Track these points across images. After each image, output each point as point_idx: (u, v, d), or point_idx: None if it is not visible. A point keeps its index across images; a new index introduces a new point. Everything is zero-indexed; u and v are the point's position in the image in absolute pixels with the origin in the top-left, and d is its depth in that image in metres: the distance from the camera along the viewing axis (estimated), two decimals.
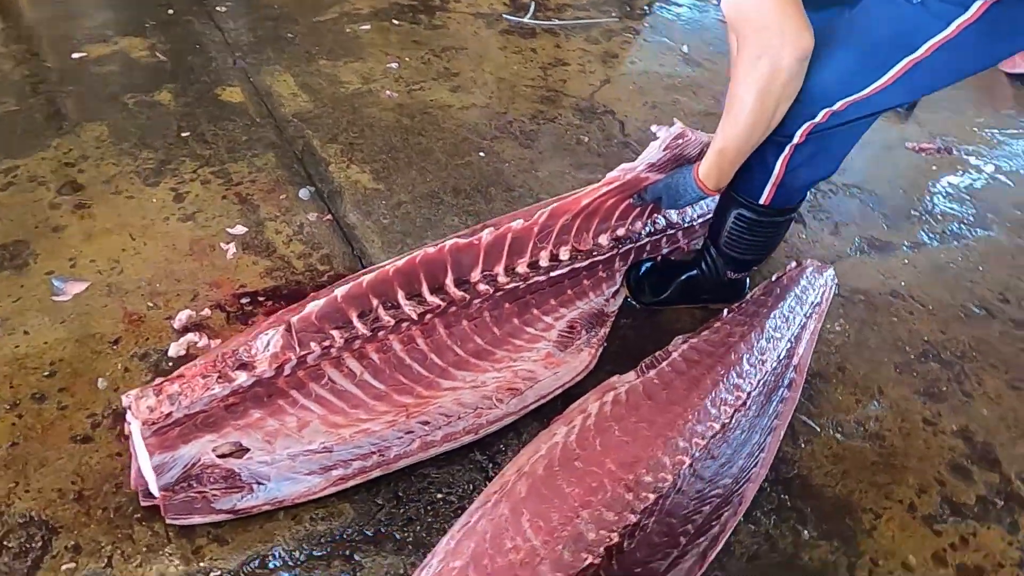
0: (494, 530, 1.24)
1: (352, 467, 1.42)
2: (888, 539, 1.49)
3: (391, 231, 2.01)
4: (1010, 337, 1.98)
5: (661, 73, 2.89)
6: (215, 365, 1.32)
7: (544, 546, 1.18)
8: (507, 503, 1.29)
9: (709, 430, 1.37)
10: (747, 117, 1.42)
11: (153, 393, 1.27)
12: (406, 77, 2.64)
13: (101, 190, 2.03)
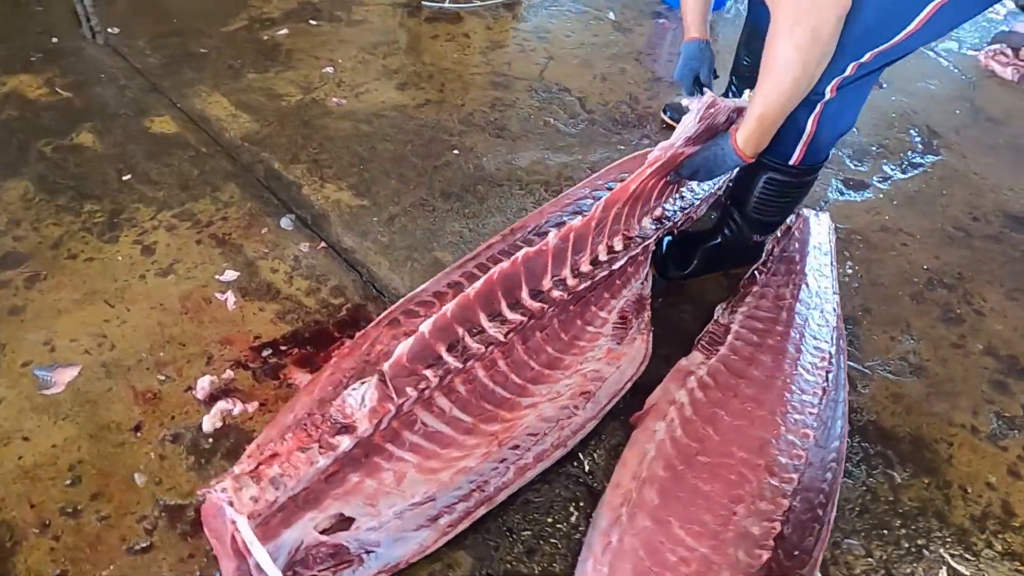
0: (647, 546, 1.18)
1: (457, 511, 1.32)
2: (966, 464, 1.56)
3: (394, 248, 1.87)
4: (991, 252, 2.12)
5: (598, 44, 2.85)
6: (310, 434, 1.17)
7: (715, 552, 1.13)
8: (644, 515, 1.24)
9: (815, 396, 1.37)
10: (790, 80, 1.40)
11: (252, 480, 1.11)
12: (347, 80, 2.46)
13: (51, 256, 1.76)
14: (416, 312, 1.47)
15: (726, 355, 1.51)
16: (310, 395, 1.34)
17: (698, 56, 1.91)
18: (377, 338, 1.42)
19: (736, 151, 1.53)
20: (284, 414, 1.33)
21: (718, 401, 1.40)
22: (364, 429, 1.19)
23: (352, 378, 1.35)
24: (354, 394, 1.21)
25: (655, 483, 1.29)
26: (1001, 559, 1.40)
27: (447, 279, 1.56)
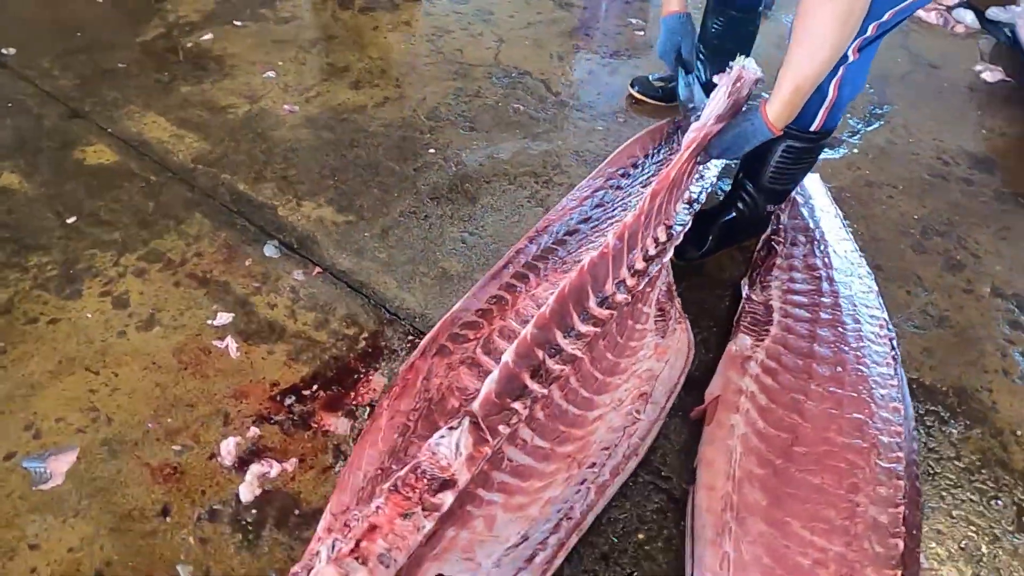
0: (772, 553, 1.12)
1: (550, 546, 1.21)
2: (1008, 408, 1.59)
3: (396, 264, 1.72)
4: (968, 195, 2.18)
5: (544, 22, 2.74)
6: (407, 496, 1.03)
7: (850, 549, 1.09)
8: (756, 518, 1.18)
9: (888, 367, 1.35)
10: (828, 50, 1.36)
11: (358, 562, 0.97)
12: (293, 84, 2.25)
13: (5, 324, 1.51)
14: (465, 336, 1.34)
15: (781, 336, 1.47)
16: (375, 447, 1.19)
17: (680, 30, 1.86)
18: (430, 371, 1.29)
19: (768, 125, 1.48)
20: (350, 473, 1.18)
21: (793, 386, 1.35)
22: (464, 480, 1.07)
23: (418, 421, 1.21)
24: (445, 442, 1.08)
25: (755, 482, 1.23)
26: None
27: (484, 293, 1.43)
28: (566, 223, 1.58)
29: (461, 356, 1.30)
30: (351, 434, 1.39)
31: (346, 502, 1.14)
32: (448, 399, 1.23)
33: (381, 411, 1.27)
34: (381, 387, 1.48)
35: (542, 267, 1.46)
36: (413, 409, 1.24)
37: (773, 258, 1.73)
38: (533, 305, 1.35)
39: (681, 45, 1.87)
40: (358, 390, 1.47)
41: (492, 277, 1.47)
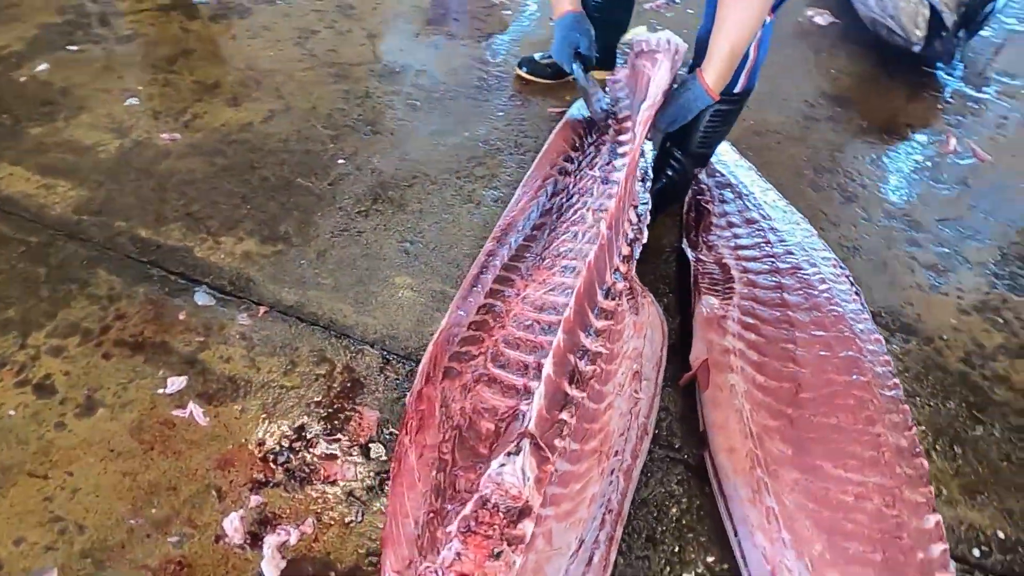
0: (815, 497, 1.18)
1: (601, 544, 1.21)
2: (931, 317, 1.76)
3: (345, 288, 1.61)
4: (840, 131, 2.38)
5: (409, 11, 2.63)
6: (487, 535, 0.98)
7: (885, 477, 1.17)
8: (787, 468, 1.23)
9: (856, 303, 1.45)
10: (758, 14, 1.43)
11: None
12: (163, 109, 2.01)
13: None
14: (468, 353, 1.28)
15: (748, 291, 1.54)
16: (413, 489, 1.12)
17: (576, 28, 1.86)
18: (445, 397, 1.22)
19: (708, 92, 1.53)
20: (396, 523, 1.10)
21: (779, 336, 1.42)
22: (537, 504, 1.03)
23: (453, 452, 1.15)
24: (508, 469, 1.03)
25: (774, 434, 1.29)
26: (1000, 383, 1.63)
27: (470, 304, 1.37)
28: (528, 218, 1.55)
29: (473, 375, 1.25)
30: (362, 478, 1.30)
31: (406, 555, 1.07)
32: (478, 423, 1.18)
33: (404, 450, 1.19)
34: (375, 421, 1.39)
35: (522, 267, 1.43)
36: (442, 441, 1.17)
37: (708, 217, 1.80)
38: (530, 308, 1.32)
39: (579, 44, 1.86)
40: (353, 430, 1.37)
41: (472, 286, 1.42)
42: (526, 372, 1.22)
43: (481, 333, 1.31)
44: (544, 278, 1.37)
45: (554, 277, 1.35)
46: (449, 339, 1.31)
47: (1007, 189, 2.26)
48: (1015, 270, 1.95)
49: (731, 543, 1.27)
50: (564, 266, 1.36)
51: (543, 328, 1.28)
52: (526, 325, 1.30)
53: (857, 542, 1.13)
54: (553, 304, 1.30)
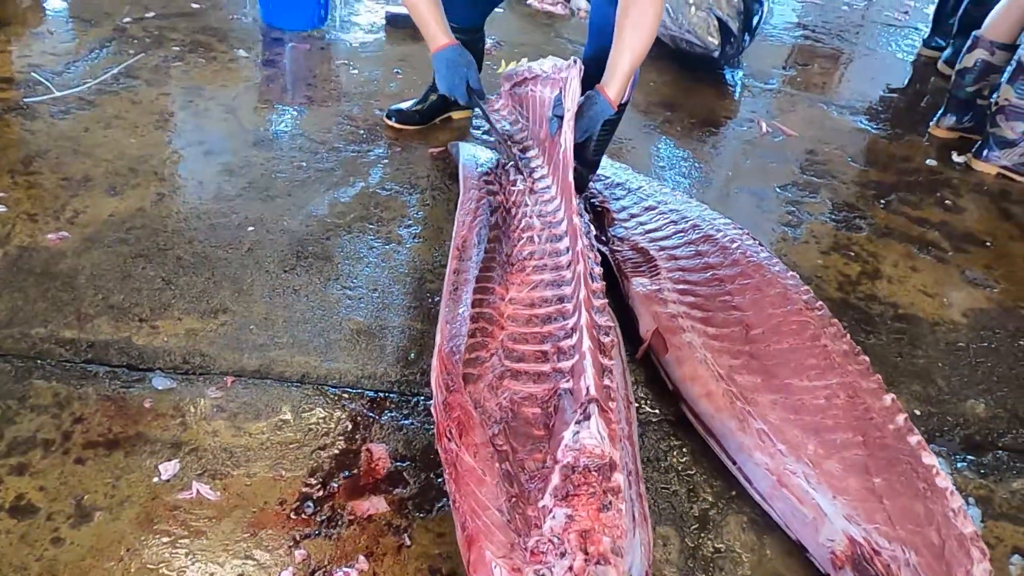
0: (795, 408, 1.39)
1: (634, 500, 1.30)
2: (804, 262, 2.10)
3: (302, 341, 1.61)
4: (677, 131, 2.72)
5: (254, 82, 2.64)
6: (591, 492, 1.05)
7: (841, 376, 1.40)
8: (762, 393, 1.43)
9: (765, 252, 1.71)
10: (653, 32, 1.68)
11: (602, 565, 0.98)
12: (37, 211, 1.86)
13: None
14: (479, 357, 1.35)
15: (673, 264, 1.75)
16: (483, 484, 1.15)
17: (461, 61, 1.94)
18: (476, 400, 1.28)
19: (610, 104, 1.74)
20: (476, 517, 1.12)
21: (715, 292, 1.63)
22: (617, 457, 1.12)
23: (510, 442, 1.21)
24: (584, 434, 1.11)
25: (741, 370, 1.48)
26: (871, 301, 1.97)
27: (459, 318, 1.43)
28: (480, 234, 1.64)
29: (494, 374, 1.31)
30: (396, 506, 1.32)
31: (504, 540, 1.10)
32: (522, 411, 1.25)
33: (455, 455, 1.22)
34: (386, 453, 1.41)
35: (494, 276, 1.52)
36: (493, 436, 1.22)
37: (608, 215, 2.01)
38: (521, 307, 1.42)
39: (468, 77, 1.94)
40: (367, 467, 1.38)
41: (453, 302, 1.48)
42: (546, 359, 1.32)
43: (484, 339, 1.39)
44: (521, 280, 1.48)
45: (530, 277, 1.46)
46: (453, 351, 1.37)
47: (817, 152, 2.71)
48: (847, 214, 2.36)
49: (732, 471, 1.44)
50: (535, 265, 1.49)
51: (543, 319, 1.38)
52: (524, 321, 1.41)
53: (840, 432, 1.34)
54: (542, 299, 1.42)
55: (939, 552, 1.19)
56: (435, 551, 1.26)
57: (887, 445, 1.31)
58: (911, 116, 3.16)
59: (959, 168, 2.76)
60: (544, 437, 1.22)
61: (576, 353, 1.29)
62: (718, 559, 1.32)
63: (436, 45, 1.92)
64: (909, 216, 2.41)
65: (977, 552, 1.19)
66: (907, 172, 2.70)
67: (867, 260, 2.16)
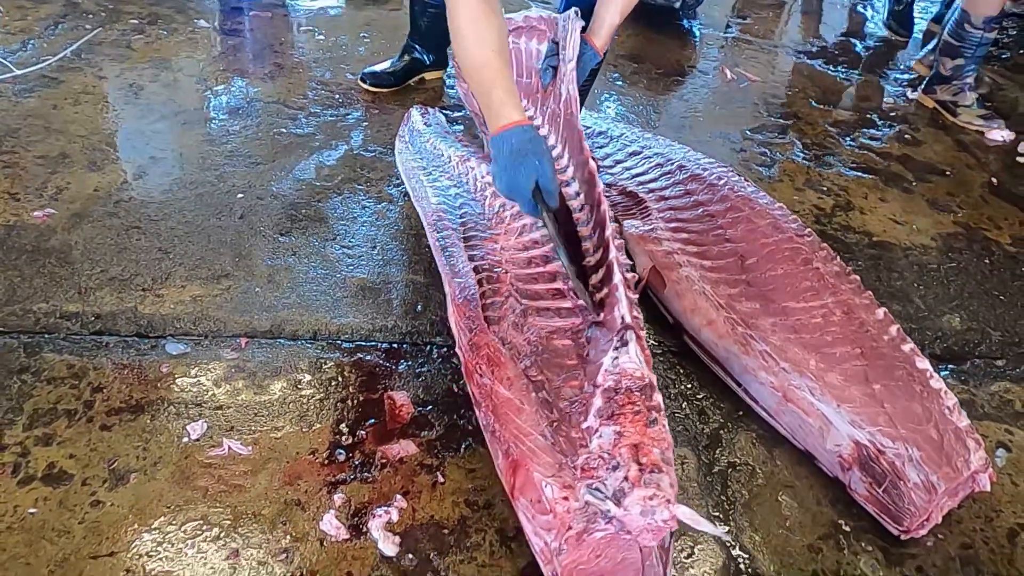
0: (794, 328, 1.46)
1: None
2: (784, 197, 2.18)
3: (311, 300, 1.62)
4: (642, 78, 2.77)
5: (213, 55, 2.59)
6: (635, 411, 1.11)
7: (836, 296, 1.48)
8: (762, 318, 1.50)
9: (752, 186, 1.77)
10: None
11: (656, 473, 1.04)
12: (18, 190, 1.81)
13: None
14: (496, 302, 1.39)
15: (663, 204, 1.80)
16: (521, 412, 1.19)
17: (531, 148, 1.34)
18: (502, 338, 1.32)
19: (597, 52, 1.78)
20: (519, 443, 1.17)
21: (707, 227, 1.69)
22: (654, 378, 1.18)
23: (543, 372, 1.26)
24: (624, 359, 1.17)
25: (740, 298, 1.55)
26: (846, 231, 2.06)
27: (463, 271, 1.47)
28: (459, 197, 1.70)
29: (515, 314, 1.35)
30: (425, 447, 1.36)
31: (552, 462, 1.15)
32: (552, 344, 1.31)
33: (489, 389, 1.26)
34: (408, 399, 1.45)
35: (478, 233, 1.58)
36: (527, 368, 1.27)
37: (594, 162, 2.05)
38: (517, 251, 1.50)
39: (539, 173, 1.34)
40: (392, 414, 1.42)
41: (449, 260, 1.51)
42: (563, 296, 1.36)
43: (494, 285, 1.43)
44: (505, 229, 1.54)
45: (512, 224, 1.52)
46: (468, 299, 1.41)
47: (781, 96, 2.80)
48: (816, 152, 2.45)
49: (738, 392, 1.52)
50: (512, 213, 1.55)
51: (543, 259, 1.44)
52: (525, 263, 1.45)
53: (839, 346, 1.43)
54: (533, 241, 1.48)
55: (938, 445, 1.28)
56: (468, 485, 1.31)
57: (883, 354, 1.40)
58: (868, 58, 3.27)
59: (914, 105, 2.88)
60: (577, 366, 1.27)
61: (606, 287, 1.34)
62: (733, 473, 1.40)
63: (497, 125, 1.38)
64: (873, 151, 2.51)
65: (973, 442, 1.29)
66: (867, 110, 2.80)
67: (839, 194, 2.25)
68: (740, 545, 1.27)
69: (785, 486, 1.38)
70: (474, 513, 1.27)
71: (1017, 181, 2.46)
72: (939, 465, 1.26)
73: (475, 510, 1.28)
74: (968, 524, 1.35)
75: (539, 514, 1.15)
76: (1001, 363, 1.73)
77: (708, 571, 1.24)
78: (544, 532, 1.13)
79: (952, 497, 1.31)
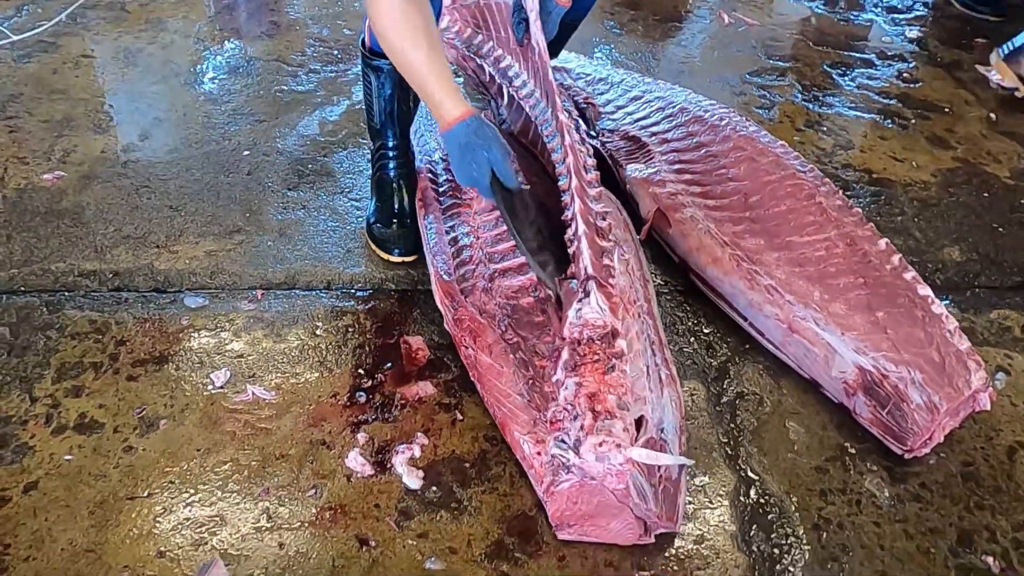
0: (798, 261, 1.50)
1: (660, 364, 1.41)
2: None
3: (323, 251, 1.65)
4: (639, 25, 2.76)
5: (206, 14, 2.58)
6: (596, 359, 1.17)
7: (840, 229, 1.51)
8: (767, 253, 1.53)
9: (753, 126, 1.80)
10: None
11: (608, 419, 1.09)
12: (26, 154, 1.82)
13: None
14: (468, 271, 1.46)
15: (665, 148, 1.81)
16: (501, 376, 1.29)
17: (479, 141, 1.37)
18: (479, 308, 1.38)
19: (564, 5, 1.76)
20: (504, 405, 1.26)
21: (710, 167, 1.71)
22: (620, 326, 1.22)
23: (517, 334, 1.31)
24: (586, 309, 1.20)
25: (744, 235, 1.58)
26: (846, 169, 2.09)
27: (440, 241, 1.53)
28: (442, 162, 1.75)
29: (485, 279, 1.42)
30: (442, 387, 1.41)
31: (527, 419, 1.22)
32: (520, 303, 1.38)
33: (473, 358, 1.34)
34: (423, 343, 1.48)
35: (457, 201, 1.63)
36: (502, 334, 1.33)
37: (594, 110, 2.06)
38: (485, 214, 1.56)
39: (492, 162, 1.37)
40: (410, 356, 1.46)
41: (430, 230, 1.58)
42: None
43: (467, 252, 1.49)
44: (473, 194, 1.59)
45: None
46: (445, 273, 1.47)
47: (779, 38, 2.79)
48: (815, 94, 2.45)
49: (743, 327, 1.56)
50: None
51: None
52: (493, 224, 1.54)
53: (842, 277, 1.46)
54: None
55: (941, 368, 1.32)
56: (487, 422, 1.35)
57: (886, 283, 1.44)
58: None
59: (911, 43, 2.88)
60: (545, 322, 1.32)
61: (574, 237, 1.36)
62: (741, 402, 1.44)
63: (445, 120, 1.37)
64: (872, 90, 2.51)
65: (973, 363, 1.33)
66: (863, 50, 2.80)
67: (839, 134, 2.26)
68: (750, 469, 1.32)
69: (792, 413, 1.43)
70: (493, 447, 1.32)
71: (1016, 116, 2.47)
72: (941, 386, 1.31)
73: (494, 444, 1.32)
74: (969, 443, 1.40)
75: (527, 469, 1.23)
76: (999, 291, 1.77)
77: (720, 494, 1.29)
78: (535, 484, 1.22)
79: (953, 417, 1.35)
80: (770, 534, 1.23)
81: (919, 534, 1.26)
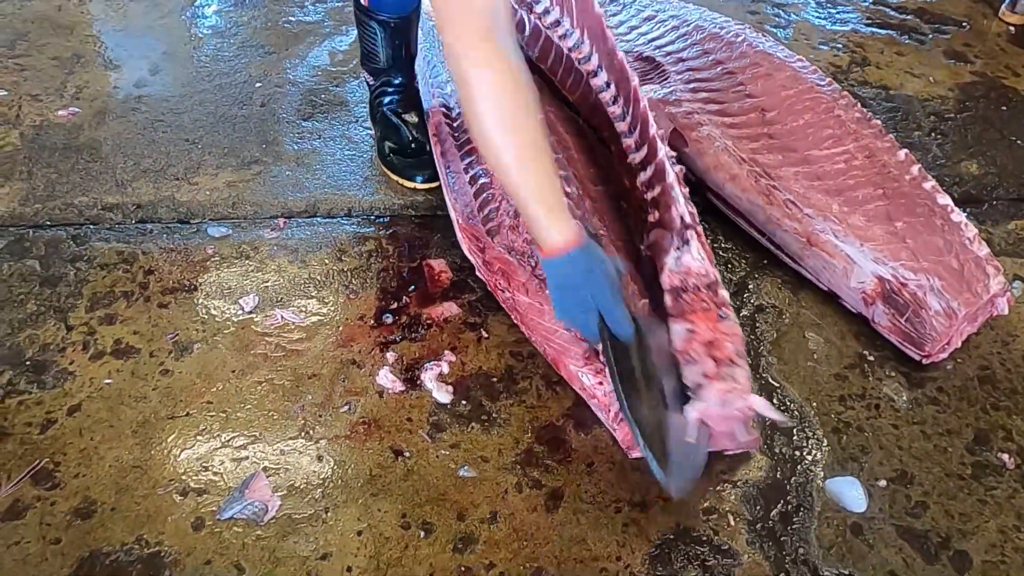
0: (817, 175, 1.49)
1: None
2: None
3: (342, 179, 1.66)
4: None
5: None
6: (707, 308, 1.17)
7: (857, 141, 1.51)
8: (785, 168, 1.53)
9: (770, 41, 1.77)
10: None
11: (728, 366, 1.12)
12: (39, 91, 1.82)
13: (20, 449, 1.18)
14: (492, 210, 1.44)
15: (681, 67, 1.79)
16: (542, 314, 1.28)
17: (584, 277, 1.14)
18: (508, 248, 1.37)
19: None
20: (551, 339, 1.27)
21: (727, 84, 1.69)
22: (717, 274, 1.23)
23: None
24: (687, 258, 1.21)
25: (762, 151, 1.57)
26: (862, 84, 2.06)
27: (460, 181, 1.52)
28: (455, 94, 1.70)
29: (510, 215, 1.40)
30: (467, 307, 1.43)
31: (579, 351, 1.24)
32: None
33: (512, 299, 1.35)
34: (446, 265, 1.50)
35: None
36: (533, 270, 1.32)
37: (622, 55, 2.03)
38: None
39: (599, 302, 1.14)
40: (433, 279, 1.48)
41: (449, 173, 1.56)
42: None
43: (488, 192, 1.46)
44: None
45: None
46: (469, 216, 1.45)
47: None
48: (830, 11, 2.41)
49: (762, 243, 1.57)
50: None
51: None
52: None
53: (861, 189, 1.46)
54: None
55: (959, 274, 1.34)
56: (512, 338, 1.38)
57: (905, 193, 1.44)
58: None
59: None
60: None
61: (659, 185, 1.36)
62: (760, 315, 1.46)
63: (546, 245, 1.14)
64: (888, 5, 2.46)
65: (992, 269, 1.34)
66: None
67: (855, 51, 2.23)
68: (771, 377, 1.35)
69: (811, 324, 1.45)
70: (519, 363, 1.35)
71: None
72: (959, 292, 1.32)
73: (520, 360, 1.35)
74: (986, 348, 1.43)
75: (588, 399, 1.26)
76: (1017, 203, 1.77)
77: None
78: (600, 413, 1.25)
79: (971, 322, 1.38)
80: (791, 437, 1.27)
81: (936, 435, 1.29)
